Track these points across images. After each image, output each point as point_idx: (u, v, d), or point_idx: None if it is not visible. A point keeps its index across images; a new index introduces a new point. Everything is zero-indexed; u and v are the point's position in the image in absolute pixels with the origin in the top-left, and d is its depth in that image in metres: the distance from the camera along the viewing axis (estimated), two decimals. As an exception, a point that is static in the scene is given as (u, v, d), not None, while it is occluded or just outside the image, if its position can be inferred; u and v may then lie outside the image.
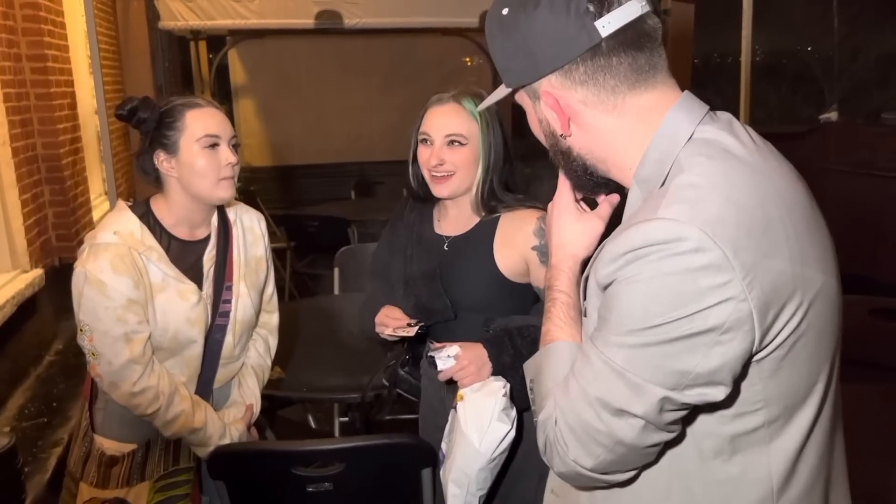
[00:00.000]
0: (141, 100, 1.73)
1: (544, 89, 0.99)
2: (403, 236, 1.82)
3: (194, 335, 1.74)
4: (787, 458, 0.95)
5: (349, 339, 2.68)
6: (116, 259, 1.63)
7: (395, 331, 1.69)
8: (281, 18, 4.26)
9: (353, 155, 7.18)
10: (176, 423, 1.69)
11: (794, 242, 0.88)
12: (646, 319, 0.86)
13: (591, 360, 0.92)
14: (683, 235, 0.84)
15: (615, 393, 0.89)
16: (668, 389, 0.87)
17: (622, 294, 0.89)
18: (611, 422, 0.89)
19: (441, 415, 1.76)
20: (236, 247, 1.84)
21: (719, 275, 0.83)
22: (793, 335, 0.89)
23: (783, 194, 0.92)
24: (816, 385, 0.95)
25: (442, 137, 1.68)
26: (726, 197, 0.87)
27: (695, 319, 0.84)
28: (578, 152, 1.03)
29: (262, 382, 1.97)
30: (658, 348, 0.86)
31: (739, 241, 0.84)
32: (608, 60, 0.94)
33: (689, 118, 0.96)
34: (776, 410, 0.93)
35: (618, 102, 0.97)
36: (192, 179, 1.69)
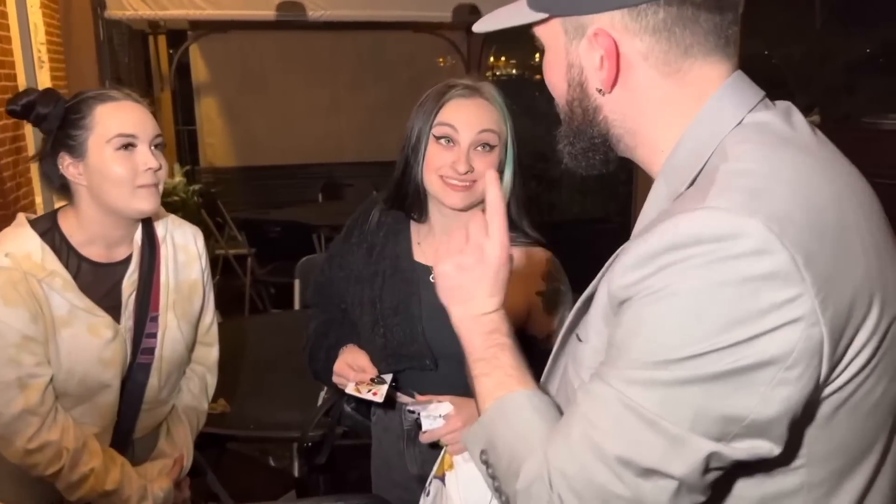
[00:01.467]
0: (41, 92, 1.45)
1: (600, 27, 0.77)
2: (366, 259, 1.50)
3: (108, 378, 1.45)
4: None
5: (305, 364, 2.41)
6: (8, 287, 1.35)
7: (359, 389, 1.38)
8: (240, 10, 3.99)
9: (320, 156, 6.91)
10: (83, 485, 1.40)
11: (872, 254, 0.70)
12: (686, 346, 0.65)
13: (606, 403, 0.69)
14: (743, 231, 0.64)
15: (644, 448, 0.67)
16: (717, 441, 0.66)
17: (652, 311, 0.67)
18: (637, 485, 0.67)
19: (398, 471, 1.48)
20: (164, 269, 1.56)
21: (787, 287, 0.64)
22: (861, 373, 0.70)
23: (859, 195, 0.74)
24: (877, 443, 0.75)
25: (472, 136, 1.36)
26: (793, 190, 0.68)
27: (753, 346, 0.64)
28: (607, 116, 0.82)
29: (196, 429, 1.68)
30: (703, 386, 0.65)
31: (812, 245, 0.65)
32: (696, 13, 0.75)
33: (741, 100, 0.77)
34: (821, 473, 0.73)
35: (683, 66, 0.77)
36: (105, 188, 1.41)
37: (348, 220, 1.59)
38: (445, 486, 1.28)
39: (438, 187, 1.39)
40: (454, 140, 1.37)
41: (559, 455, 0.71)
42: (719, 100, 0.77)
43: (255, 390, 2.21)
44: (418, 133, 1.40)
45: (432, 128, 1.39)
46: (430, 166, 1.39)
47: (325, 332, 1.54)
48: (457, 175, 1.35)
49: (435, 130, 1.38)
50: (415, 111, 1.43)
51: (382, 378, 1.39)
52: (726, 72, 0.79)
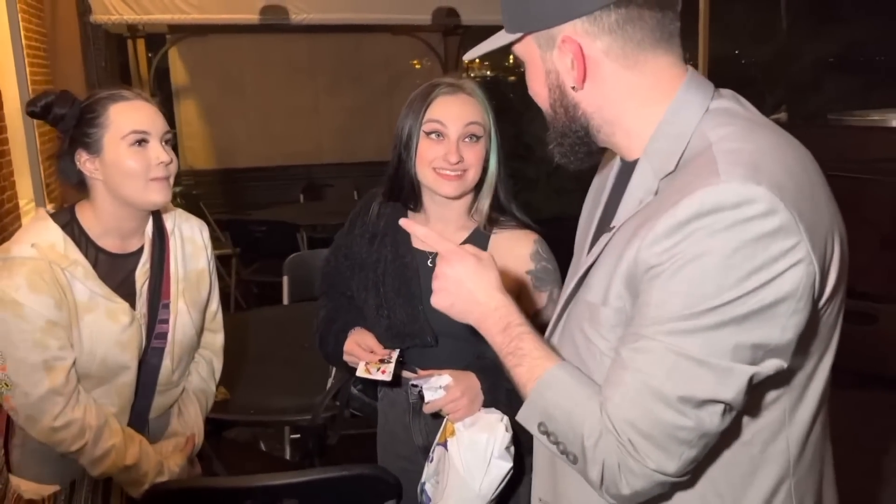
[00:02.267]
0: (58, 94, 1.53)
1: (566, 35, 0.92)
2: (369, 247, 1.60)
3: (126, 360, 1.54)
4: (804, 429, 0.93)
5: (299, 353, 2.50)
6: (34, 275, 1.43)
7: (368, 370, 1.48)
8: (224, 13, 4.04)
9: (300, 157, 6.97)
10: (105, 460, 1.49)
11: (830, 204, 0.88)
12: (720, 295, 0.80)
13: (659, 354, 0.83)
14: (755, 197, 0.79)
15: (700, 383, 0.81)
16: (752, 365, 0.82)
17: (688, 271, 0.81)
18: (697, 416, 0.82)
19: (404, 443, 1.60)
20: (174, 259, 1.65)
21: (790, 238, 0.80)
22: (828, 294, 0.87)
23: (811, 158, 0.91)
24: (827, 352, 0.93)
25: (459, 129, 1.47)
26: (777, 160, 0.85)
27: (771, 287, 0.80)
28: (585, 110, 0.96)
29: (206, 410, 1.78)
30: (737, 324, 0.80)
31: (799, 203, 0.81)
32: (640, 12, 0.90)
33: (703, 91, 0.93)
34: (798, 378, 0.91)
35: (639, 59, 0.92)
36: (120, 182, 1.50)
37: (350, 214, 1.69)
38: (448, 451, 1.39)
39: (432, 179, 1.49)
40: (443, 134, 1.48)
41: (621, 407, 0.84)
42: (686, 91, 0.92)
43: (253, 379, 2.30)
44: (409, 131, 1.51)
45: (422, 125, 1.49)
46: (423, 160, 1.49)
47: (333, 317, 1.64)
48: (449, 165, 1.46)
49: (425, 127, 1.49)
50: (404, 111, 1.53)
51: (389, 358, 1.49)
52: (675, 61, 0.93)
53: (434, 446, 1.46)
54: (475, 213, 1.56)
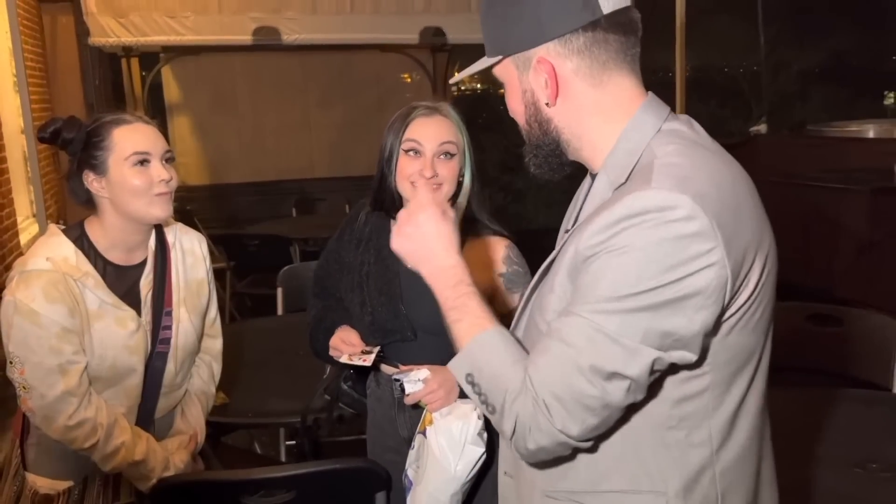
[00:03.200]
0: (65, 120, 1.66)
1: (540, 56, 1.03)
2: (355, 252, 1.75)
3: (134, 364, 1.66)
4: (725, 422, 1.02)
5: (294, 360, 2.61)
6: (49, 286, 1.55)
7: (351, 358, 1.63)
8: (217, 35, 4.17)
9: (292, 172, 7.09)
10: (116, 456, 1.61)
11: (754, 221, 0.99)
12: (639, 283, 0.91)
13: (581, 329, 0.94)
14: (678, 203, 0.91)
15: (610, 357, 0.92)
16: (658, 350, 0.92)
17: (615, 261, 0.93)
18: (603, 386, 0.92)
19: (390, 436, 1.72)
20: (175, 270, 1.77)
21: (706, 242, 0.91)
22: (748, 302, 0.97)
23: (746, 180, 1.02)
24: (754, 354, 1.03)
25: (434, 147, 1.62)
26: (708, 175, 0.96)
27: (684, 282, 0.91)
28: (557, 125, 1.08)
29: (207, 410, 1.90)
30: (650, 311, 0.91)
31: (721, 214, 0.92)
32: (605, 35, 1.02)
33: (658, 113, 1.05)
34: (720, 375, 1.00)
35: (604, 78, 1.03)
36: (125, 199, 1.62)
37: (342, 223, 1.83)
38: (427, 439, 1.51)
39: (410, 191, 1.64)
40: (420, 151, 1.63)
41: (541, 370, 0.96)
42: (644, 112, 1.04)
43: (250, 385, 2.41)
44: (390, 149, 1.67)
45: (401, 143, 1.65)
46: (402, 174, 1.65)
47: (323, 316, 1.78)
48: (424, 180, 1.61)
49: (404, 146, 1.65)
50: (386, 131, 1.69)
51: (370, 350, 1.63)
52: (636, 83, 1.06)
53: (416, 434, 1.59)
54: None
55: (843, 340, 2.57)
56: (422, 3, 4.32)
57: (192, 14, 4.07)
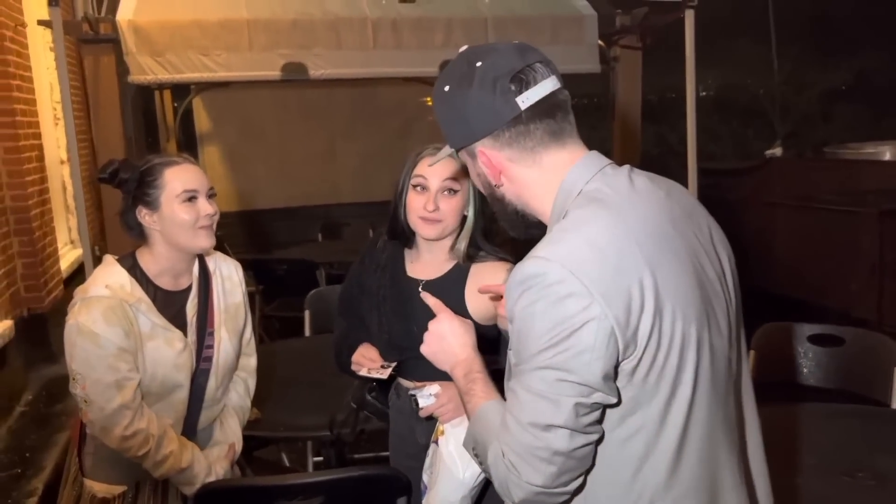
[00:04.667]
0: (121, 162, 1.85)
1: (479, 149, 1.21)
2: (373, 276, 1.93)
3: (181, 380, 1.84)
4: (670, 457, 1.11)
5: (322, 378, 2.77)
6: (108, 311, 1.73)
7: (370, 371, 1.81)
8: (248, 71, 4.38)
9: (318, 198, 7.26)
10: (165, 464, 1.78)
11: (646, 269, 1.07)
12: (540, 342, 1.06)
13: (517, 393, 1.09)
14: (548, 270, 1.06)
15: (540, 411, 1.06)
16: (577, 397, 1.05)
17: (521, 325, 1.09)
18: (544, 437, 1.06)
19: (411, 444, 1.89)
20: (216, 294, 1.95)
21: (581, 300, 1.04)
22: (651, 342, 1.07)
23: (645, 227, 1.12)
24: (679, 387, 1.10)
25: (438, 183, 1.81)
26: (585, 237, 1.09)
27: (572, 338, 1.04)
28: (510, 199, 1.25)
29: (243, 422, 2.07)
30: (555, 367, 1.05)
31: (593, 272, 1.05)
32: (527, 127, 1.17)
33: (582, 176, 1.18)
34: (649, 414, 1.10)
35: (536, 159, 1.19)
36: (174, 231, 1.80)
37: (363, 249, 2.02)
38: (439, 448, 1.68)
39: (417, 223, 1.84)
40: (426, 187, 1.82)
41: (502, 435, 1.11)
42: (570, 175, 1.19)
43: (281, 401, 2.58)
44: (402, 185, 1.87)
45: (410, 180, 1.85)
46: (410, 208, 1.85)
47: (347, 334, 1.97)
48: (427, 213, 1.80)
49: (412, 181, 1.84)
50: (403, 168, 1.88)
51: (387, 365, 1.82)
52: (570, 151, 1.20)
53: (430, 444, 1.75)
54: (456, 253, 1.89)
55: (845, 359, 2.69)
56: (441, 38, 4.51)
57: (223, 52, 4.27)
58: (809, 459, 1.97)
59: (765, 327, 2.70)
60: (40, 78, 4.87)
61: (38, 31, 4.74)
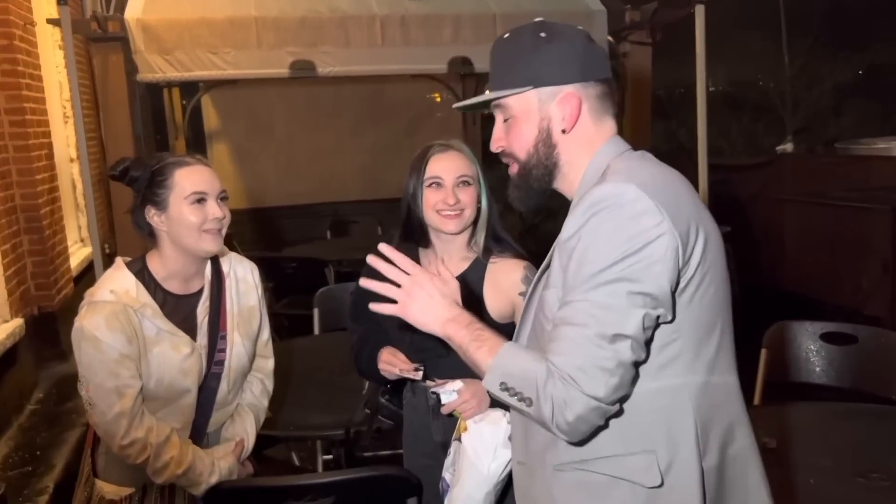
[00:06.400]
0: (133, 160, 1.83)
1: (570, 91, 1.27)
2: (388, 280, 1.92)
3: (188, 385, 1.82)
4: (699, 387, 1.20)
5: (331, 377, 2.78)
6: (111, 316, 1.72)
7: (402, 372, 1.82)
8: (256, 69, 4.37)
9: (327, 195, 7.27)
10: (165, 471, 1.76)
11: (691, 207, 1.20)
12: (610, 258, 1.11)
13: (580, 308, 1.12)
14: (625, 190, 1.14)
15: (609, 323, 1.10)
16: (646, 308, 1.11)
17: (589, 244, 1.14)
18: (612, 347, 1.10)
19: (426, 442, 1.88)
20: (229, 298, 1.93)
21: (654, 216, 1.12)
22: (698, 270, 1.17)
23: (685, 183, 1.27)
24: (714, 326, 1.21)
25: (453, 178, 1.84)
26: (649, 174, 1.22)
27: (645, 251, 1.10)
28: (559, 152, 1.30)
29: (258, 422, 2.04)
30: (626, 279, 1.10)
31: (661, 196, 1.14)
32: (608, 90, 1.31)
33: (619, 146, 1.30)
34: (689, 340, 1.18)
35: (601, 119, 1.30)
36: (180, 233, 1.78)
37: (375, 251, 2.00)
38: (462, 444, 1.67)
39: (437, 220, 1.85)
40: (441, 184, 1.84)
41: (560, 353, 1.13)
42: (609, 145, 1.30)
43: (292, 401, 2.57)
44: (414, 186, 1.88)
45: (424, 180, 1.86)
46: (428, 206, 1.86)
47: (366, 338, 1.96)
48: (448, 207, 1.82)
49: (426, 182, 1.86)
50: (408, 171, 1.89)
51: (419, 367, 1.82)
52: (613, 127, 1.32)
53: (451, 442, 1.74)
54: (474, 245, 1.90)
55: (858, 358, 2.66)
56: (450, 35, 4.50)
57: (232, 49, 4.27)
58: (823, 460, 1.95)
59: (777, 326, 2.68)
60: (49, 76, 4.88)
61: (47, 30, 4.76)
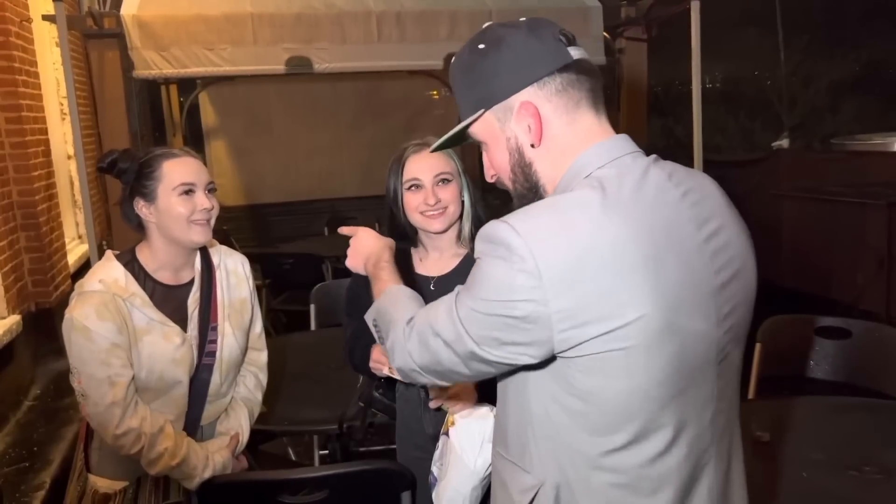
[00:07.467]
0: (121, 152, 1.83)
1: (523, 100, 1.12)
2: None
3: (179, 375, 1.83)
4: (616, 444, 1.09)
5: (327, 372, 2.78)
6: (101, 306, 1.73)
7: (391, 371, 1.80)
8: (252, 65, 4.37)
9: (324, 192, 7.30)
10: (159, 462, 1.76)
11: (624, 280, 1.01)
12: (482, 293, 1.06)
13: (448, 303, 1.12)
14: (513, 243, 1.03)
15: (446, 329, 1.10)
16: (477, 345, 1.07)
17: (477, 269, 1.09)
18: (437, 344, 1.12)
19: (418, 434, 1.89)
20: (220, 289, 1.94)
21: (530, 280, 1.01)
22: (601, 351, 1.02)
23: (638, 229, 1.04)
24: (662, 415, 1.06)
25: (432, 178, 1.82)
26: (564, 222, 1.04)
27: (507, 305, 1.03)
28: (537, 169, 1.15)
29: (252, 416, 2.05)
30: (483, 316, 1.06)
31: (557, 264, 1.00)
32: (578, 76, 1.12)
33: (599, 157, 1.11)
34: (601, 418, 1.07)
35: (576, 115, 1.12)
36: (169, 224, 1.79)
37: None
38: (449, 439, 1.67)
39: (421, 220, 1.85)
40: (420, 185, 1.83)
41: (421, 314, 1.18)
42: (586, 155, 1.12)
43: (287, 395, 2.58)
44: (394, 189, 1.88)
45: (402, 183, 1.85)
46: (410, 208, 1.85)
47: (359, 335, 1.94)
48: (430, 207, 1.82)
49: (405, 184, 1.85)
50: (387, 174, 1.89)
51: None
52: (599, 123, 1.14)
53: (440, 436, 1.75)
54: (463, 240, 1.90)
55: (852, 352, 2.67)
56: (445, 31, 4.50)
57: (228, 46, 4.27)
58: (816, 453, 1.96)
59: (771, 320, 2.69)
60: (46, 73, 4.88)
61: (43, 27, 4.75)
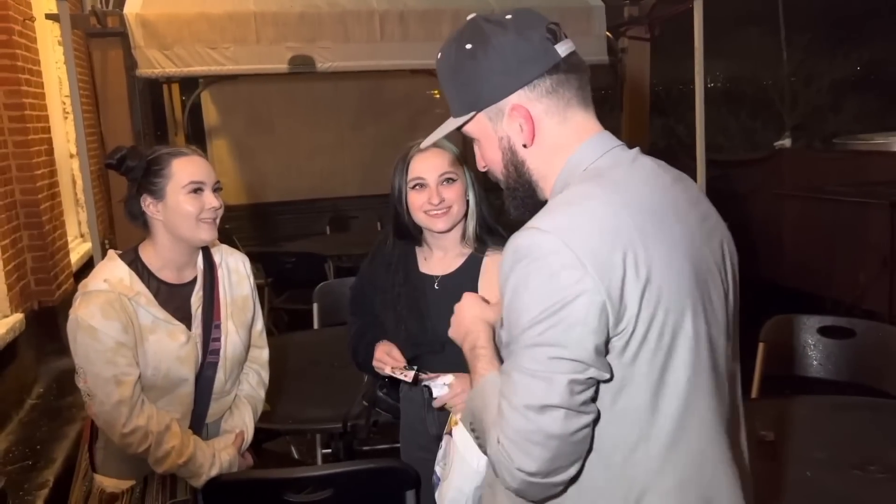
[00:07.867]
0: (129, 149, 1.84)
1: (514, 103, 1.13)
2: (386, 275, 1.93)
3: (185, 373, 1.83)
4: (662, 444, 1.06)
5: (330, 371, 2.78)
6: (106, 305, 1.73)
7: (394, 371, 1.81)
8: (255, 64, 4.37)
9: (326, 191, 7.29)
10: (167, 460, 1.77)
11: (639, 245, 1.03)
12: (531, 316, 1.00)
13: (510, 374, 1.04)
14: (542, 241, 1.02)
15: (532, 392, 1.00)
16: (571, 373, 0.99)
17: (512, 299, 1.04)
18: (538, 419, 1.00)
19: (421, 434, 1.89)
20: (222, 287, 1.94)
21: (574, 272, 0.99)
22: (640, 320, 1.02)
23: (643, 205, 1.08)
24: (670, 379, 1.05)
25: (436, 178, 1.82)
26: (581, 210, 1.05)
27: (563, 311, 0.98)
28: (530, 166, 1.17)
29: (256, 414, 2.05)
30: (546, 343, 0.99)
31: (588, 244, 1.00)
32: (566, 76, 1.13)
33: (594, 152, 1.14)
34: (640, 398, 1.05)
35: (568, 115, 1.14)
36: (177, 222, 1.80)
37: (372, 248, 2.02)
38: (453, 438, 1.67)
39: (425, 220, 1.85)
40: (424, 184, 1.83)
41: (498, 421, 1.05)
42: (580, 151, 1.14)
43: (290, 394, 2.58)
44: (399, 188, 1.87)
45: (407, 182, 1.85)
46: (414, 207, 1.85)
47: (363, 332, 1.97)
48: (434, 206, 1.81)
49: (409, 183, 1.85)
50: (392, 173, 1.88)
51: (411, 366, 1.81)
52: (590, 118, 1.16)
53: (443, 435, 1.75)
54: (467, 240, 1.89)
55: (855, 351, 2.67)
56: (448, 30, 4.43)
57: (231, 45, 4.27)
58: (819, 453, 1.96)
59: (774, 319, 2.69)
60: (49, 72, 4.88)
61: (46, 26, 4.75)
